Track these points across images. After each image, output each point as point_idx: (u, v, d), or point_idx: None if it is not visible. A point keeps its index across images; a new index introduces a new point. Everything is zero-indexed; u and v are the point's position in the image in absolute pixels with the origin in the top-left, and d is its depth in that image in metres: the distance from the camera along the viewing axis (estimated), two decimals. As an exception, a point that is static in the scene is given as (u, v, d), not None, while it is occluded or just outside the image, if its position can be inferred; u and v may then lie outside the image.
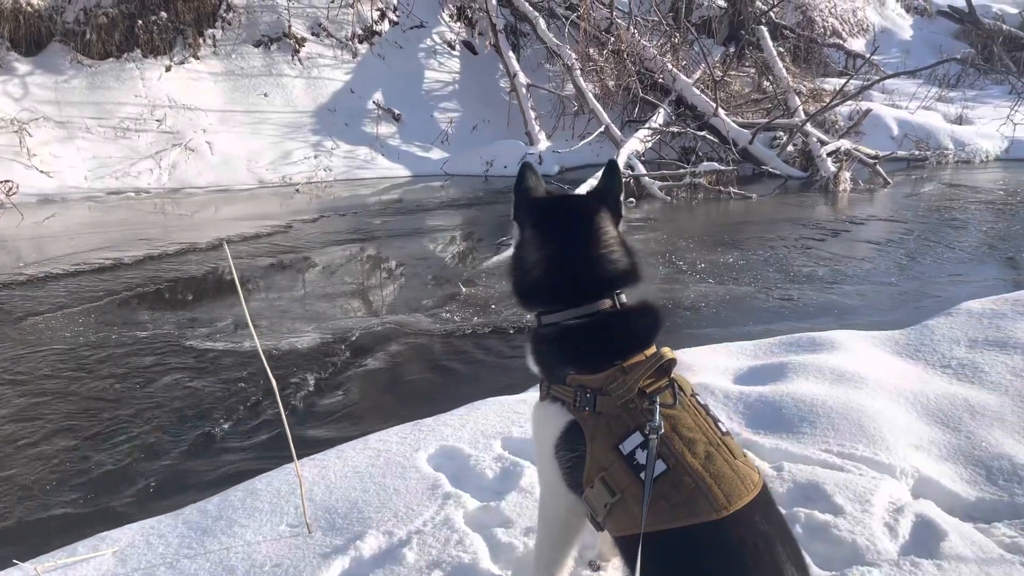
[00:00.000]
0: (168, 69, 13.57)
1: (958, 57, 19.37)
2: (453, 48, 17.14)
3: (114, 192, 11.52)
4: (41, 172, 11.15)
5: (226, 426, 4.17)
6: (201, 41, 14.24)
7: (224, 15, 14.69)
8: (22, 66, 12.70)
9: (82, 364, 5.11)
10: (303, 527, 2.62)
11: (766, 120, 14.26)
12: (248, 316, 2.50)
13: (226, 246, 2.22)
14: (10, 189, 10.32)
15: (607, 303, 1.96)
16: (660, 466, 1.74)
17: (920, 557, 2.38)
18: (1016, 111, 16.02)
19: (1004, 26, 21.75)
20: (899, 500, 2.70)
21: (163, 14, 13.76)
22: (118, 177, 11.73)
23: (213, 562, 2.48)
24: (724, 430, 1.88)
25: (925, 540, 2.48)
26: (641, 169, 12.07)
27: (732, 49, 17.80)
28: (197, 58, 14.04)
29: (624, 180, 9.07)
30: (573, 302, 1.96)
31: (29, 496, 3.51)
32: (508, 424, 3.37)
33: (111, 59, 13.33)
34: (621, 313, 1.96)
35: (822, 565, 2.33)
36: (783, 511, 2.57)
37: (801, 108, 14.35)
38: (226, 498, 2.91)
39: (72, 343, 5.50)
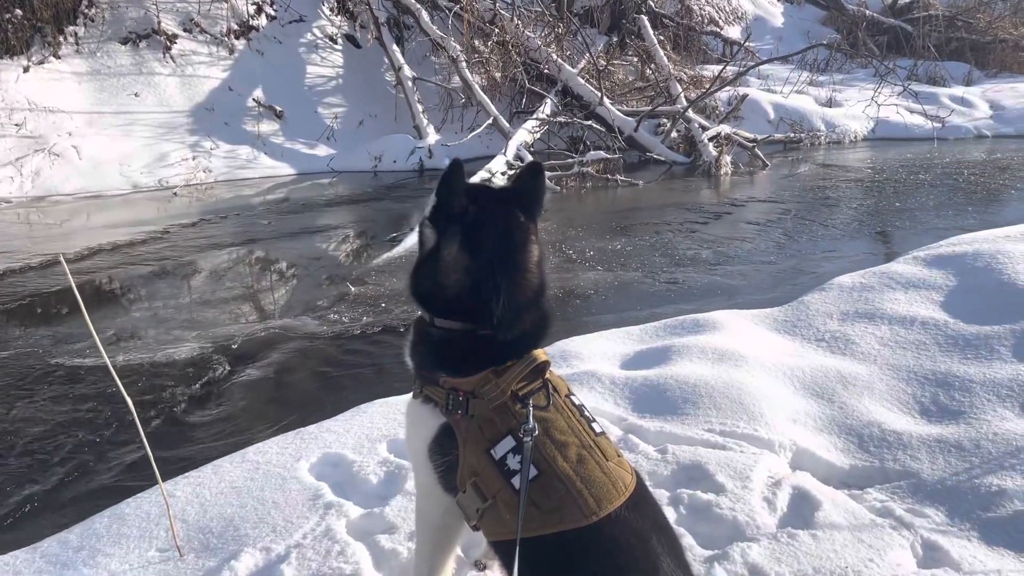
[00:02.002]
0: (26, 70, 12.70)
1: (825, 43, 20.32)
2: (335, 42, 16.76)
3: (-30, 203, 10.71)
4: None
5: (90, 448, 3.92)
6: (62, 39, 13.39)
7: (86, 11, 13.87)
8: None
9: (-67, 391, 4.71)
10: (173, 551, 2.47)
11: (650, 107, 14.56)
12: (92, 329, 2.33)
13: (63, 260, 2.05)
14: None
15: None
16: (531, 471, 1.70)
17: (797, 528, 2.44)
18: (879, 93, 16.95)
19: (867, 11, 22.95)
20: (777, 474, 2.77)
21: (18, 11, 12.86)
22: (-26, 186, 10.91)
23: (73, 597, 2.30)
24: (599, 431, 1.86)
25: (801, 511, 2.55)
26: (530, 160, 12.09)
27: (615, 38, 18.11)
28: (58, 57, 13.20)
29: (514, 171, 8.96)
30: (479, 321, 1.84)
31: None
32: (395, 426, 3.29)
33: (-39, 60, 12.39)
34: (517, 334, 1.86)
35: (705, 544, 2.36)
36: (667, 494, 2.60)
37: (683, 95, 14.72)
38: (89, 526, 2.72)
39: (-79, 368, 5.07)
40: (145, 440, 2.45)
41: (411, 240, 8.21)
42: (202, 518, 2.66)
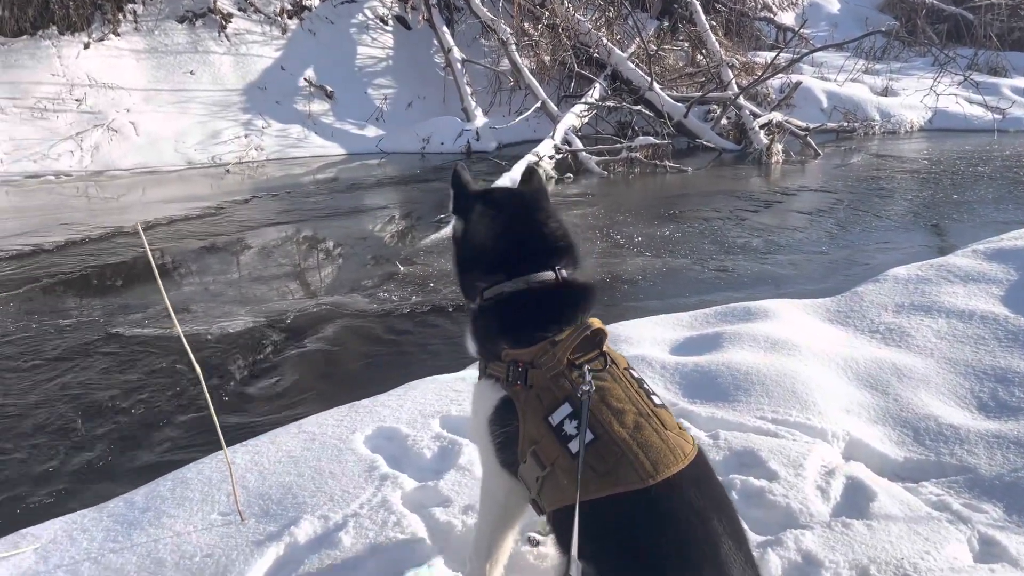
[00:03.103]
0: (86, 46, 13.01)
1: (883, 29, 19.84)
2: (386, 23, 16.84)
3: (32, 175, 11.03)
4: (-48, 156, 10.63)
5: (156, 415, 4.04)
6: (121, 17, 13.68)
7: (145, -11, 14.16)
8: (-72, 44, 12.04)
9: (1, 355, 4.89)
10: (235, 515, 2.55)
11: (700, 93, 14.39)
12: (167, 299, 2.40)
13: (140, 230, 2.11)
14: (-81, 174, 9.80)
15: (549, 275, 1.95)
16: (588, 435, 1.72)
17: (851, 518, 2.43)
18: (938, 82, 16.52)
19: (927, -1, 22.33)
20: (831, 463, 2.76)
21: (79, -12, 13.18)
22: (36, 160, 11.23)
23: (140, 555, 2.39)
24: (658, 402, 1.88)
25: (856, 501, 2.54)
26: (578, 144, 12.06)
27: (666, 23, 17.89)
28: (117, 35, 13.49)
29: (562, 155, 8.99)
30: (517, 271, 1.94)
31: (-56, 495, 3.34)
32: (446, 403, 3.34)
33: (25, 36, 12.72)
34: (559, 285, 1.94)
35: (757, 530, 2.36)
36: (720, 478, 2.61)
37: (734, 81, 14.51)
38: (154, 489, 2.82)
39: (-10, 334, 5.26)
40: (211, 407, 2.53)
41: (458, 222, 8.25)
42: (261, 485, 2.73)
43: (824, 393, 3.26)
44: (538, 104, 13.78)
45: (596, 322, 1.91)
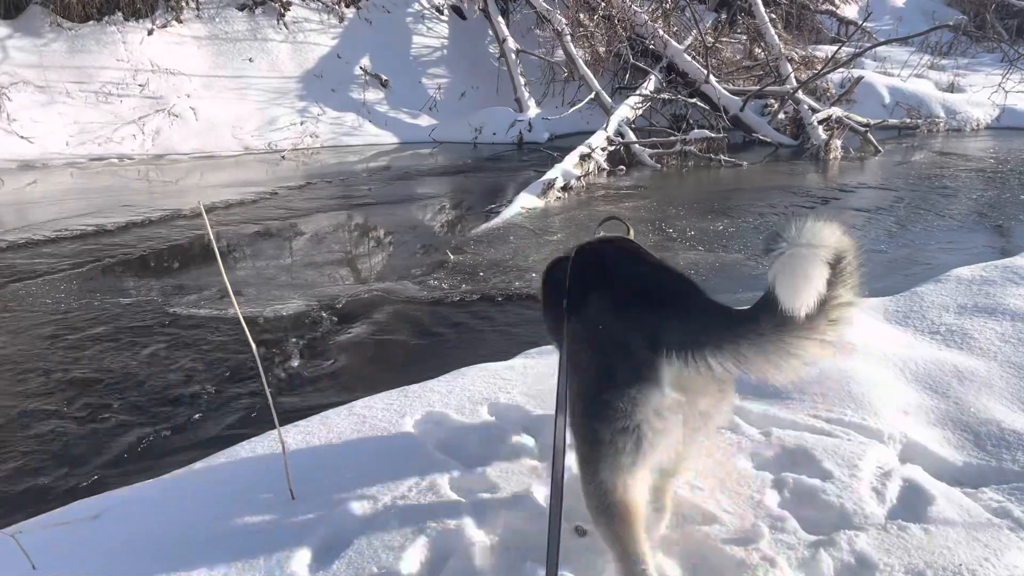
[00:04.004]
0: (150, 33, 13.32)
1: (950, 24, 19.23)
2: (441, 13, 16.89)
3: (97, 158, 11.35)
4: (21, 137, 10.97)
5: (209, 394, 4.12)
6: (184, 4, 13.96)
7: (208, -23, 14.42)
8: (1, 29, 12.42)
9: (64, 331, 5.04)
10: (286, 493, 2.59)
11: (757, 87, 14.13)
12: (227, 281, 2.44)
13: (202, 208, 2.15)
14: (-10, 155, 10.15)
15: None
16: None
17: (908, 521, 2.36)
18: (1007, 79, 15.96)
19: (997, -7, 21.59)
20: (887, 465, 2.69)
21: (145, -24, 13.49)
22: (101, 143, 11.55)
23: (194, 529, 2.44)
24: None
25: (913, 504, 2.47)
26: (631, 136, 11.96)
27: (724, 15, 17.62)
28: (180, 21, 13.77)
29: (614, 147, 8.91)
30: None
31: (6, 463, 3.46)
32: (495, 391, 3.34)
33: (91, 22, 13.07)
34: None
35: (809, 529, 2.31)
36: (770, 476, 2.57)
37: (793, 75, 14.22)
38: (208, 464, 2.88)
39: (53, 310, 5.42)
40: (266, 388, 2.56)
41: (508, 212, 8.25)
42: (312, 465, 2.77)
43: (881, 393, 3.18)
44: (591, 95, 13.70)
45: None
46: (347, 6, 15.63)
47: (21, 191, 9.47)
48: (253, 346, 2.43)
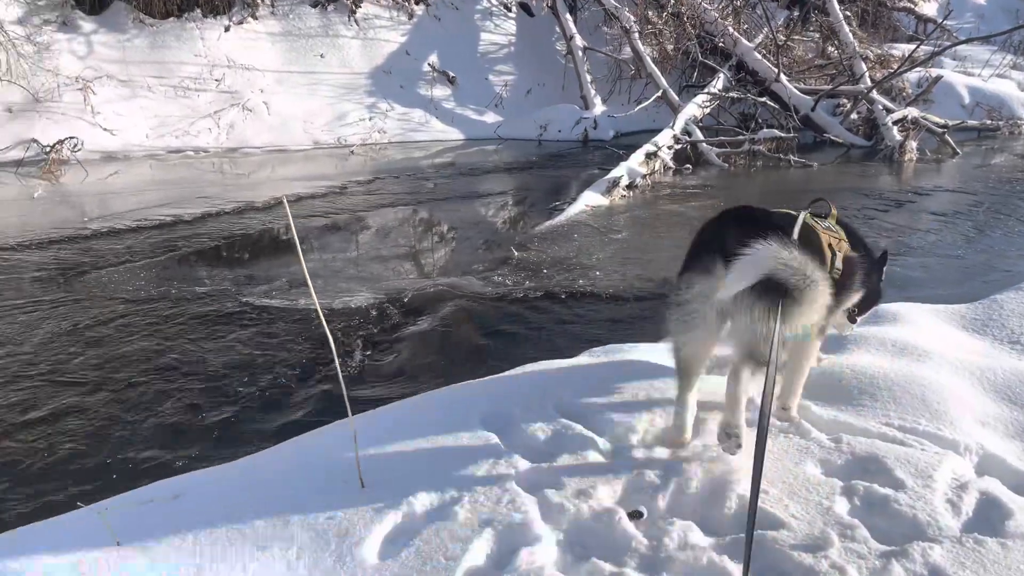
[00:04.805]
0: (227, 29, 13.68)
1: (1037, 22, 18.44)
2: (509, 10, 16.94)
3: (175, 151, 11.73)
4: (104, 130, 11.40)
5: (280, 382, 4.24)
6: (259, 1, 14.30)
7: (283, -26, 14.74)
8: (87, 24, 12.92)
9: (144, 318, 5.24)
10: (356, 481, 2.65)
11: (830, 86, 13.83)
12: (307, 274, 2.52)
13: (285, 202, 2.22)
14: (75, 146, 10.57)
15: None
16: None
17: (984, 535, 2.30)
18: (1097, 80, 15.27)
19: (1088, -11, 20.61)
20: (962, 477, 2.62)
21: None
22: (178, 136, 11.93)
23: (268, 511, 2.52)
24: None
25: (989, 518, 2.40)
26: (699, 135, 11.82)
27: (796, 13, 17.23)
28: (255, 18, 14.12)
29: (681, 146, 8.88)
30: None
31: (91, 443, 3.62)
32: (560, 387, 3.35)
33: (172, 18, 13.49)
34: None
35: (881, 539, 2.27)
36: (840, 483, 2.53)
37: (867, 74, 13.87)
38: (280, 451, 2.96)
39: (134, 297, 5.64)
40: (341, 377, 2.63)
41: (573, 210, 8.25)
42: (380, 455, 2.82)
43: (957, 403, 3.09)
44: (659, 93, 13.59)
45: None
46: (417, 3, 15.80)
47: (104, 182, 9.85)
48: (330, 339, 2.50)
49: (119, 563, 2.30)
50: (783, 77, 13.48)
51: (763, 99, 13.49)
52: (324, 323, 2.52)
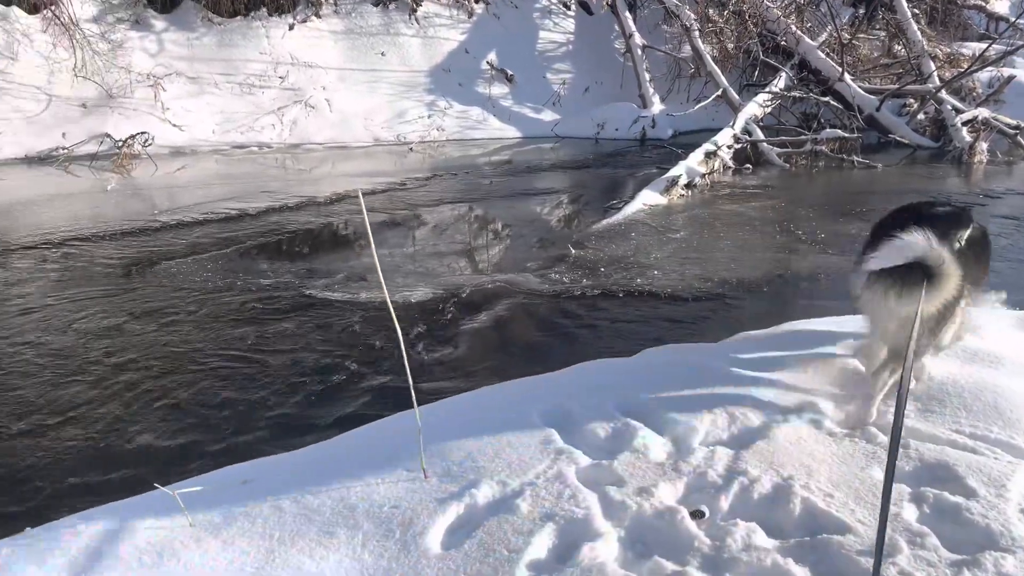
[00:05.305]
0: (291, 27, 13.96)
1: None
2: (568, 8, 16.93)
3: (239, 146, 12.03)
4: (173, 125, 11.74)
5: (341, 374, 4.32)
6: (323, 0, 14.56)
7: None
8: (158, 23, 13.32)
9: (212, 308, 5.39)
10: (419, 472, 2.69)
11: (896, 86, 13.49)
12: (379, 267, 2.57)
13: (360, 197, 2.26)
14: (146, 140, 10.91)
15: None
16: None
17: (1060, 548, 2.24)
18: None
19: None
20: (1038, 487, 2.55)
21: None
22: (243, 132, 12.22)
23: (334, 498, 2.58)
24: None
25: (1066, 530, 2.34)
26: (759, 135, 11.65)
27: (862, 11, 16.85)
28: (319, 16, 14.38)
29: (741, 145, 8.78)
30: None
31: (162, 427, 3.74)
32: (620, 385, 3.36)
33: (239, 17, 13.83)
34: None
35: (951, 548, 2.23)
36: (908, 489, 2.49)
37: (935, 74, 13.49)
38: (345, 440, 3.03)
39: (202, 288, 5.80)
40: (408, 369, 2.68)
41: (630, 208, 8.21)
42: (442, 447, 2.87)
43: (1031, 412, 3.01)
44: (718, 92, 13.42)
45: None
46: (476, 1, 15.89)
47: (172, 176, 10.15)
48: (398, 331, 2.55)
49: (193, 543, 2.38)
50: (847, 76, 13.19)
51: (826, 98, 13.23)
52: (394, 317, 2.57)
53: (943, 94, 12.69)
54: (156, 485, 2.65)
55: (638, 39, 14.90)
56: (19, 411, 3.87)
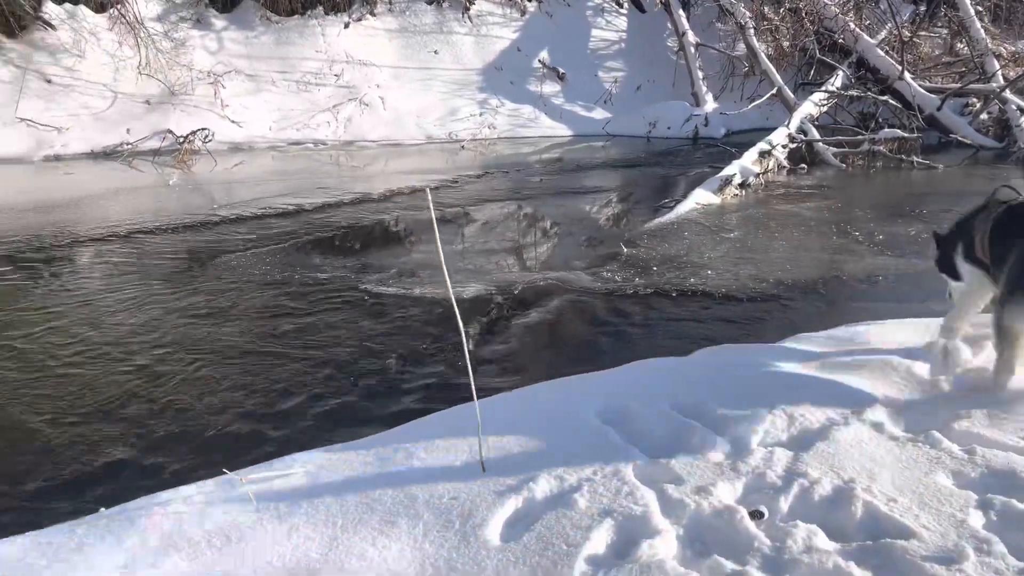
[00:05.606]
0: (346, 26, 14.16)
1: None
2: (621, 6, 16.86)
3: (295, 142, 12.26)
4: (232, 122, 12.01)
5: (397, 368, 4.38)
6: (378, -1, 14.75)
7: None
8: (218, 22, 13.63)
9: (270, 301, 5.51)
10: (477, 465, 2.73)
11: (958, 85, 13.16)
12: (443, 261, 2.61)
13: (428, 193, 2.31)
14: (206, 137, 11.18)
15: None
16: None
17: None
18: None
19: None
20: (1111, 498, 2.48)
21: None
22: (299, 129, 12.44)
23: (395, 488, 2.63)
24: None
25: None
26: (815, 134, 11.47)
27: (923, 8, 16.47)
28: (374, 15, 14.56)
29: (796, 145, 8.66)
30: None
31: (226, 414, 3.84)
32: (675, 384, 3.35)
33: (296, 16, 14.08)
34: None
35: (1021, 556, 2.18)
36: (975, 496, 2.44)
37: (1000, 73, 13.12)
38: (404, 432, 3.08)
39: (260, 281, 5.93)
40: (469, 362, 2.72)
41: (683, 207, 8.16)
42: (499, 441, 2.90)
43: (1104, 421, 2.93)
44: (773, 91, 13.25)
45: None
46: (529, 0, 15.91)
47: (230, 171, 10.39)
48: (461, 327, 2.59)
49: (259, 528, 2.45)
50: (907, 75, 12.92)
51: (884, 97, 12.96)
52: (457, 314, 2.61)
53: (1007, 93, 12.34)
54: (224, 471, 2.73)
55: (691, 37, 14.78)
56: (91, 396, 4.02)
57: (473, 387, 2.77)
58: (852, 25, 14.19)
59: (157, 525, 2.49)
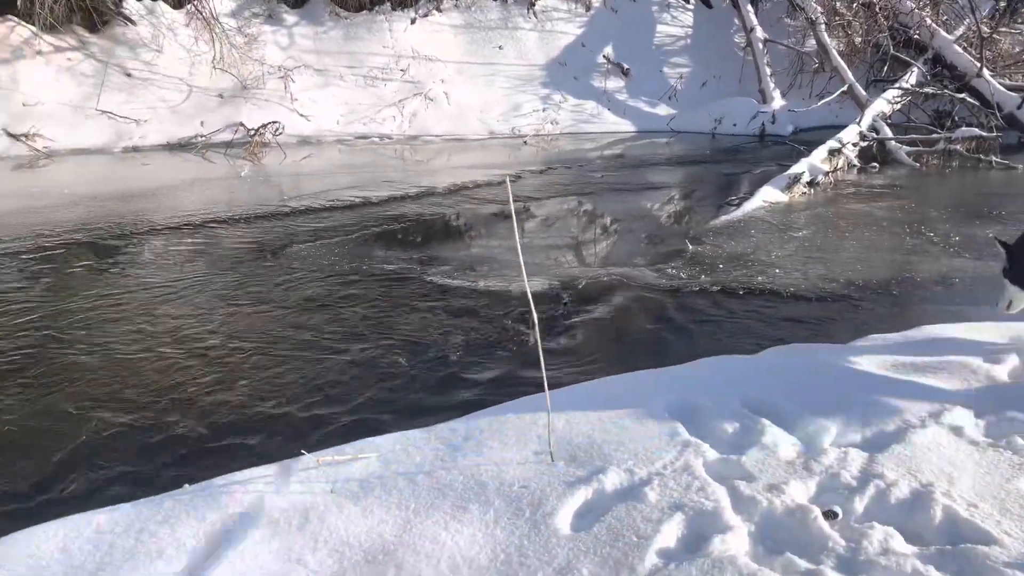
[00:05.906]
0: (413, 21, 14.32)
1: None
2: (688, 1, 16.66)
3: (361, 136, 12.45)
4: (301, 116, 12.25)
5: (463, 358, 4.43)
6: (445, -6, 14.87)
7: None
8: (289, 17, 13.93)
9: (340, 291, 5.62)
10: (547, 455, 2.76)
11: (1041, 83, 12.66)
12: (520, 253, 2.65)
13: (508, 183, 2.34)
14: (276, 130, 11.45)
15: None
16: None
17: None
18: None
19: None
20: None
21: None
22: (365, 123, 12.63)
23: (466, 475, 2.68)
24: None
25: None
26: (887, 132, 11.17)
27: (1004, 3, 15.86)
28: (440, 11, 14.69)
29: (867, 143, 8.53)
30: None
31: (302, 400, 3.94)
32: (746, 382, 3.34)
33: (364, 11, 14.28)
34: None
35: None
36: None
37: (1087, 70, 12.59)
38: (474, 421, 3.12)
39: (329, 271, 6.06)
40: (541, 354, 2.74)
41: (750, 205, 8.05)
42: (568, 432, 2.93)
43: None
44: (844, 88, 12.94)
45: None
46: (595, -5, 15.87)
47: (299, 164, 10.61)
48: (535, 318, 2.62)
49: (335, 508, 2.53)
50: (986, 72, 12.48)
51: (961, 95, 12.54)
52: (532, 307, 2.64)
53: (1094, 92, 11.83)
54: (303, 452, 2.81)
55: (759, 33, 14.53)
56: (173, 378, 4.17)
57: (544, 377, 2.80)
58: (929, 20, 13.77)
59: (238, 502, 2.59)
